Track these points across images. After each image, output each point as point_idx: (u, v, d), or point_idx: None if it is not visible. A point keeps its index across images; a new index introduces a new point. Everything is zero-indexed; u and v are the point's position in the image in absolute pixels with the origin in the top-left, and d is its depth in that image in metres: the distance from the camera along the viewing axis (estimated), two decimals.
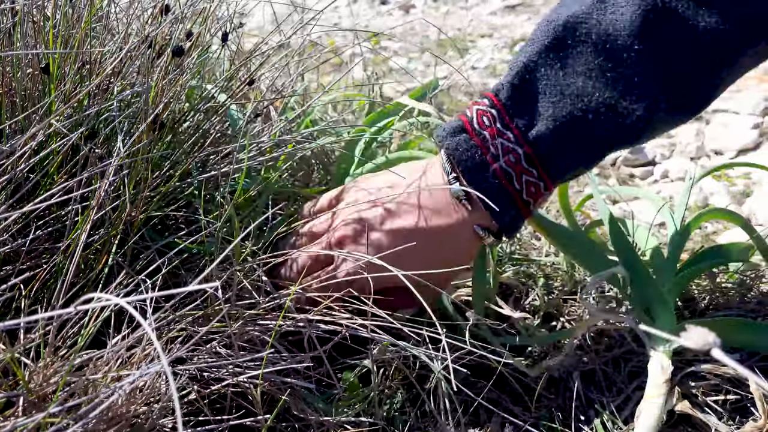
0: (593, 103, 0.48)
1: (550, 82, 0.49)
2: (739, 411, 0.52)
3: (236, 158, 0.53)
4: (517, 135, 0.50)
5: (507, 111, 0.51)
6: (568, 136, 0.49)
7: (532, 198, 0.52)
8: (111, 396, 0.31)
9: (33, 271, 0.44)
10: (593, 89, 0.48)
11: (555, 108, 0.49)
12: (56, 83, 0.48)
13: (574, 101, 0.48)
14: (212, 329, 0.45)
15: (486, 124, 0.51)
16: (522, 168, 0.51)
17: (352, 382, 0.50)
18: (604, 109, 0.48)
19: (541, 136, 0.50)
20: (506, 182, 0.51)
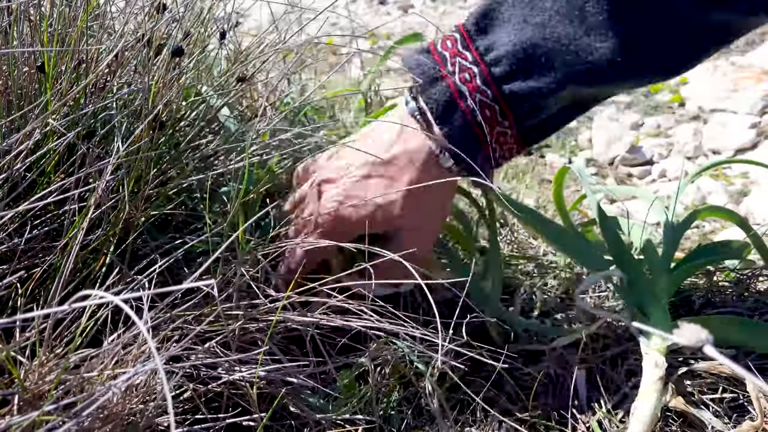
0: (556, 34, 0.48)
1: (516, 11, 0.50)
2: (736, 409, 0.52)
3: (238, 157, 0.54)
4: (475, 55, 0.51)
5: (470, 35, 0.51)
6: (526, 60, 0.49)
7: (487, 123, 0.51)
8: (106, 394, 0.31)
9: (30, 271, 0.44)
10: (558, 22, 0.48)
11: (516, 34, 0.49)
12: (52, 82, 0.48)
13: (537, 29, 0.49)
14: (210, 328, 0.45)
15: (448, 46, 0.52)
16: (476, 86, 0.51)
17: (349, 380, 0.50)
18: (567, 41, 0.48)
19: (499, 57, 0.50)
20: (459, 99, 0.51)
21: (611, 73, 0.49)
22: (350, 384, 0.50)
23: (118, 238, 0.47)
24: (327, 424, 0.46)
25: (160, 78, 0.48)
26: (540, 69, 0.49)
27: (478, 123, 0.51)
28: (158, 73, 0.48)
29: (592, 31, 0.47)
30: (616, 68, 0.48)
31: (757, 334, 0.54)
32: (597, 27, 0.47)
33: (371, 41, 1.91)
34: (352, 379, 0.50)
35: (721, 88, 1.33)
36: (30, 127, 0.43)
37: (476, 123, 0.51)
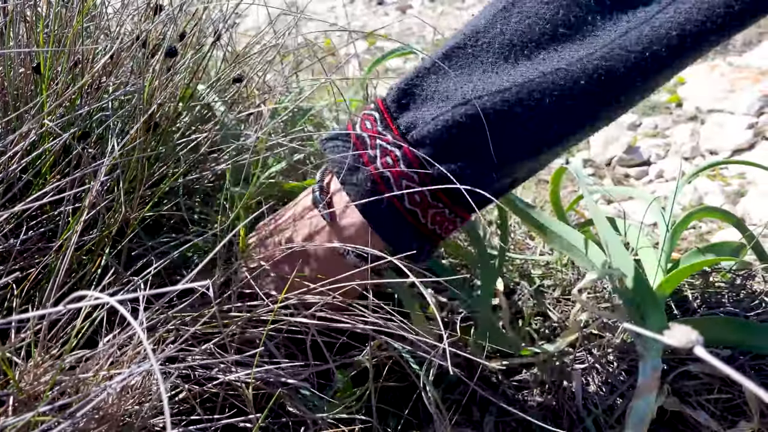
0: (479, 110, 0.45)
1: (440, 87, 0.47)
2: (731, 410, 0.52)
3: (233, 158, 0.54)
4: (397, 135, 0.47)
5: (390, 113, 0.48)
6: (450, 141, 0.46)
7: (418, 208, 0.47)
8: (101, 395, 0.31)
9: (25, 272, 0.44)
10: (482, 94, 0.45)
11: (439, 111, 0.46)
12: (48, 83, 0.48)
13: (460, 106, 0.45)
14: (207, 329, 0.45)
15: (368, 127, 0.48)
16: (400, 171, 0.47)
17: (346, 380, 0.50)
18: (493, 116, 0.45)
19: (422, 138, 0.46)
20: (383, 185, 0.47)
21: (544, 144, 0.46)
22: (347, 384, 0.50)
23: (114, 239, 0.47)
24: (324, 424, 0.46)
25: (154, 78, 0.48)
26: (469, 148, 0.46)
27: (408, 210, 0.47)
28: (153, 73, 0.48)
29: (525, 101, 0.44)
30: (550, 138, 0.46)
31: (753, 335, 0.54)
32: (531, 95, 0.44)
33: (369, 42, 1.91)
34: (349, 379, 0.50)
35: (718, 89, 1.33)
36: (26, 128, 0.43)
37: (406, 210, 0.47)
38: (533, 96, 0.44)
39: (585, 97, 0.44)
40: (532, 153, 0.47)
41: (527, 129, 0.45)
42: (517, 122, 0.45)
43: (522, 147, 0.46)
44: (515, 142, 0.46)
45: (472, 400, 0.55)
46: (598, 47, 0.43)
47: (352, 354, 0.51)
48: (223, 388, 0.44)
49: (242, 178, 0.53)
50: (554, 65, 0.44)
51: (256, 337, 0.46)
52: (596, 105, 0.45)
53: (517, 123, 0.45)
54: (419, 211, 0.47)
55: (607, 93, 0.44)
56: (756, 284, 0.64)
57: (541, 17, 0.45)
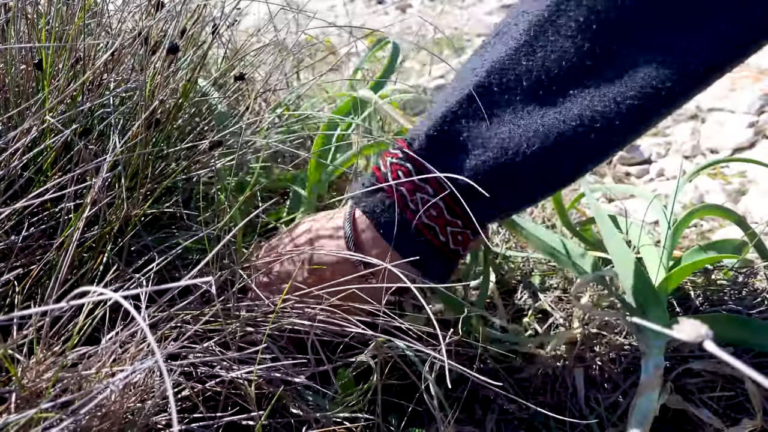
0: (520, 156, 0.45)
1: (472, 133, 0.46)
2: (734, 408, 0.52)
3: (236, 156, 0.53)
4: (436, 188, 0.47)
5: (422, 164, 0.47)
6: (491, 188, 0.46)
7: (461, 246, 0.50)
8: (103, 392, 0.31)
9: (27, 268, 0.44)
10: (521, 140, 0.45)
11: (477, 161, 0.46)
12: (50, 79, 0.48)
13: (499, 154, 0.45)
14: (210, 329, 0.45)
15: (401, 177, 0.48)
16: (445, 220, 0.48)
17: (348, 379, 0.50)
18: (533, 161, 0.45)
19: (462, 189, 0.46)
20: (431, 236, 0.48)
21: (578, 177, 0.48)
22: (349, 382, 0.50)
23: (115, 235, 0.47)
24: (326, 423, 0.46)
25: (156, 74, 0.48)
26: (505, 193, 0.47)
27: (452, 251, 0.49)
28: (155, 70, 0.48)
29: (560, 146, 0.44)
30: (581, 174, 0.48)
31: (756, 333, 0.54)
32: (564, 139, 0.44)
33: (369, 41, 1.91)
34: (351, 377, 0.50)
35: (719, 88, 1.33)
36: (27, 125, 0.43)
37: (451, 251, 0.49)
38: (571, 141, 0.44)
39: (618, 134, 0.45)
40: (561, 187, 0.49)
41: (565, 170, 0.46)
42: (555, 165, 0.46)
43: (556, 184, 0.48)
44: (550, 181, 0.47)
45: (474, 398, 0.55)
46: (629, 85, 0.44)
47: (355, 353, 0.51)
48: (225, 386, 0.44)
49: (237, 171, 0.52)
50: (588, 105, 0.44)
51: (258, 340, 0.46)
52: (627, 138, 0.46)
53: (556, 166, 0.46)
54: (461, 248, 0.50)
55: (637, 126, 0.45)
56: (758, 282, 0.64)
57: (566, 51, 0.44)
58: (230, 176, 0.55)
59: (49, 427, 0.31)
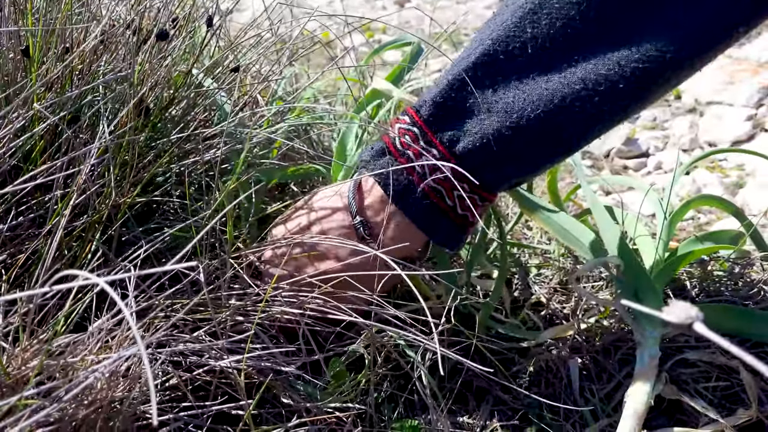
0: (524, 120, 0.46)
1: (478, 99, 0.47)
2: (729, 398, 0.52)
3: (229, 146, 0.53)
4: (443, 151, 0.48)
5: (430, 127, 0.48)
6: (497, 152, 0.47)
7: (468, 211, 0.50)
8: (88, 379, 0.31)
9: (14, 257, 0.43)
10: (525, 104, 0.45)
11: (482, 125, 0.47)
12: (38, 66, 0.48)
13: (503, 118, 0.46)
14: (200, 317, 0.45)
15: (409, 143, 0.49)
16: (452, 184, 0.48)
17: (340, 368, 0.49)
18: (536, 125, 0.46)
19: (468, 151, 0.47)
20: (437, 200, 0.49)
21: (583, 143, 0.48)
22: (341, 372, 0.49)
23: (105, 224, 0.46)
24: (317, 413, 0.46)
25: (145, 62, 0.47)
26: (511, 157, 0.48)
27: (460, 215, 0.50)
28: (144, 56, 0.47)
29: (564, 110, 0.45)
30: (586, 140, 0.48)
31: (752, 323, 0.54)
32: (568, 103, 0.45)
33: (368, 35, 1.91)
34: (344, 367, 0.50)
35: (717, 81, 1.32)
36: (13, 108, 0.42)
37: (458, 216, 0.50)
38: (575, 104, 0.45)
39: (623, 99, 0.45)
40: (565, 153, 0.49)
41: (569, 134, 0.47)
42: (559, 129, 0.46)
43: (560, 150, 0.48)
44: (556, 146, 0.48)
45: (468, 389, 0.54)
46: (634, 49, 0.44)
47: (347, 343, 0.50)
48: (215, 376, 0.43)
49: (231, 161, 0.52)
50: (592, 69, 0.45)
51: (248, 327, 0.46)
52: (631, 105, 0.46)
53: (560, 130, 0.46)
54: (469, 214, 0.50)
55: (641, 92, 0.45)
56: (754, 273, 0.64)
57: (572, 18, 0.45)
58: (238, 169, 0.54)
59: (33, 412, 0.31)
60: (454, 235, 0.51)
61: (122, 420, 0.36)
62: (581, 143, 0.48)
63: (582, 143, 0.48)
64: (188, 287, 0.45)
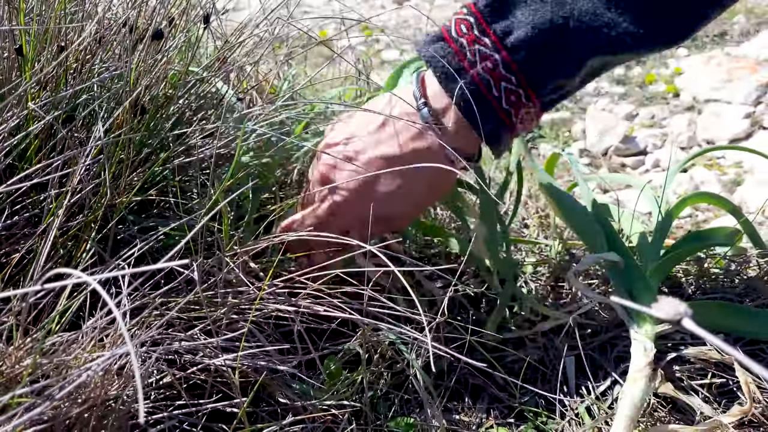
0: (576, 11, 0.46)
1: None
2: (725, 395, 0.52)
3: (226, 143, 0.53)
4: (495, 41, 0.49)
5: (484, 18, 0.50)
6: (548, 44, 0.48)
7: (513, 107, 0.51)
8: (81, 377, 0.31)
9: (9, 256, 0.43)
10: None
11: (535, 15, 0.48)
12: (32, 65, 0.48)
13: (556, 8, 0.47)
14: (194, 316, 0.45)
15: (464, 32, 0.50)
16: (500, 74, 0.49)
17: (335, 367, 0.50)
18: (588, 18, 0.46)
19: (520, 42, 0.48)
20: (484, 89, 0.50)
21: (632, 44, 0.48)
22: (336, 370, 0.49)
23: (100, 224, 0.46)
24: (312, 411, 0.46)
25: (141, 61, 0.47)
26: (563, 51, 0.48)
27: (504, 110, 0.51)
28: (140, 56, 0.47)
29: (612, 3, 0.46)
30: (636, 40, 0.47)
31: (748, 320, 0.54)
32: None
33: (366, 33, 1.90)
34: (339, 365, 0.50)
35: (715, 79, 1.32)
36: (7, 105, 0.42)
37: (503, 110, 0.51)
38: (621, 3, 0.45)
39: None
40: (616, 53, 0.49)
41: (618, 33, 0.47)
42: (607, 26, 0.46)
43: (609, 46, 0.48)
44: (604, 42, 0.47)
45: (463, 387, 0.54)
46: None
47: (343, 341, 0.50)
48: (210, 374, 0.43)
49: None
50: None
51: (242, 325, 0.46)
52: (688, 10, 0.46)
53: (608, 27, 0.46)
54: (513, 110, 0.51)
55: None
56: (751, 270, 0.64)
57: None
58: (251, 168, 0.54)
59: (26, 412, 0.31)
60: (498, 130, 0.52)
61: (116, 418, 0.36)
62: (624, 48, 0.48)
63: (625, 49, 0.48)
64: (183, 285, 0.45)
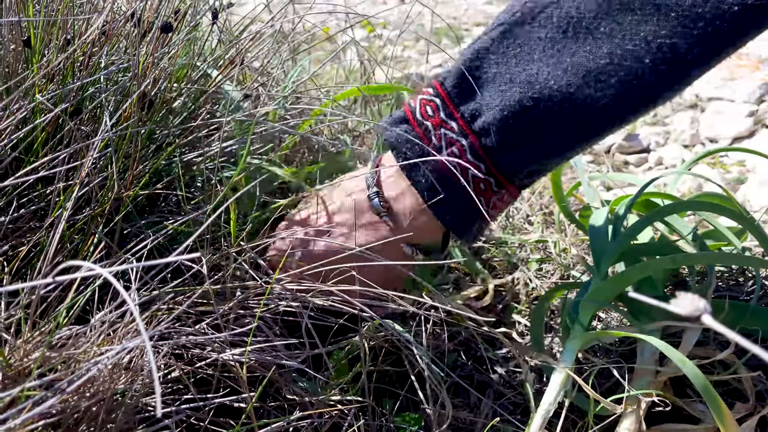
0: (547, 91, 0.44)
1: (501, 69, 0.45)
2: (729, 393, 0.52)
3: (235, 139, 0.53)
4: (462, 125, 0.46)
5: (451, 100, 0.47)
6: (517, 128, 0.45)
7: (483, 196, 0.48)
8: (90, 371, 0.31)
9: (16, 249, 0.43)
10: (548, 76, 0.44)
11: (503, 96, 0.45)
12: (39, 57, 0.47)
13: (525, 89, 0.44)
14: (203, 310, 0.45)
15: (429, 114, 0.47)
16: (468, 161, 0.46)
17: (342, 362, 0.49)
18: (560, 98, 0.44)
19: (488, 126, 0.45)
20: (452, 177, 0.47)
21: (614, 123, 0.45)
22: (343, 366, 0.49)
23: (107, 218, 0.46)
24: (319, 406, 0.46)
25: (148, 54, 0.47)
26: (533, 134, 0.45)
27: (473, 198, 0.47)
28: (147, 49, 0.47)
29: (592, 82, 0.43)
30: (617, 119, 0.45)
31: (754, 318, 0.54)
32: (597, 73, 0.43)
33: (368, 29, 1.90)
34: (345, 362, 0.50)
35: (718, 77, 1.32)
36: (14, 99, 0.42)
37: (472, 198, 0.47)
38: (600, 78, 0.43)
39: (650, 76, 0.43)
40: (589, 138, 0.46)
41: (590, 111, 0.44)
42: (583, 105, 0.44)
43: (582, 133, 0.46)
44: (577, 126, 0.45)
45: (469, 384, 0.54)
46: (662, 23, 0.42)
47: (350, 337, 0.50)
48: (217, 369, 0.43)
49: None
50: (618, 44, 0.43)
51: (249, 320, 0.46)
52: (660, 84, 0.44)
53: (581, 107, 0.44)
54: (483, 199, 0.48)
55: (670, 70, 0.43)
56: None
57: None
58: None
59: (35, 405, 0.31)
60: (466, 219, 0.49)
61: (124, 412, 0.36)
62: (605, 126, 0.45)
63: (606, 126, 0.45)
64: (191, 280, 0.44)
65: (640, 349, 0.51)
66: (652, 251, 0.58)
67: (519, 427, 0.50)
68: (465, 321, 0.52)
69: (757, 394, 0.50)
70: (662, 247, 0.59)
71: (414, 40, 1.89)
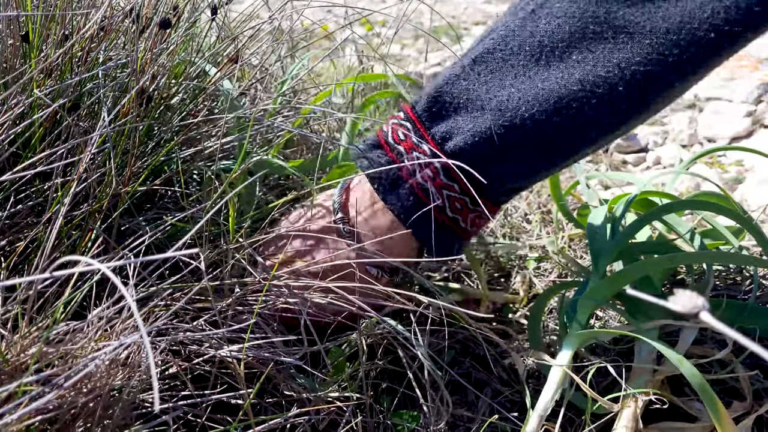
0: (518, 119, 0.44)
1: (472, 96, 0.46)
2: (726, 392, 0.52)
3: (233, 135, 0.53)
4: (433, 146, 0.47)
5: (422, 123, 0.47)
6: (488, 152, 0.45)
7: (460, 214, 0.48)
8: (87, 366, 0.31)
9: (13, 245, 0.43)
10: (519, 103, 0.44)
11: (475, 123, 0.45)
12: (37, 52, 0.47)
13: (496, 116, 0.44)
14: (200, 307, 0.45)
15: (401, 138, 0.48)
16: (441, 182, 0.47)
17: (339, 360, 0.49)
18: (531, 126, 0.44)
19: (459, 149, 0.46)
20: (424, 198, 0.47)
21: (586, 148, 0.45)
22: (340, 363, 0.49)
23: (105, 214, 0.46)
24: (316, 403, 0.46)
25: (147, 50, 0.47)
26: (507, 159, 0.46)
27: (450, 218, 0.48)
28: (146, 45, 0.47)
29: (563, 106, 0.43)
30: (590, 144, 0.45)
31: (751, 317, 0.54)
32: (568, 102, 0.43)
33: (367, 28, 1.90)
34: (344, 358, 0.50)
35: (717, 77, 1.32)
36: (11, 93, 0.42)
37: (448, 218, 0.48)
38: (572, 106, 0.43)
39: (623, 103, 0.43)
40: (561, 161, 0.47)
41: (564, 137, 0.45)
42: (554, 132, 0.44)
43: (554, 156, 0.46)
44: (550, 150, 0.46)
45: (467, 381, 0.54)
46: (635, 51, 0.42)
47: (348, 334, 0.50)
48: (215, 365, 0.43)
49: None
50: (590, 70, 0.43)
51: (248, 316, 0.46)
52: (634, 111, 0.44)
53: (555, 132, 0.44)
54: (460, 217, 0.48)
55: (644, 97, 0.43)
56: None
57: (570, 16, 0.43)
58: None
59: (32, 401, 0.31)
60: (443, 237, 0.49)
61: (121, 408, 0.36)
62: (578, 150, 0.46)
63: (579, 150, 0.46)
64: (189, 276, 0.44)
65: (637, 348, 0.51)
66: (650, 250, 0.58)
67: (516, 424, 0.50)
68: (463, 319, 0.52)
69: (754, 392, 0.50)
70: (660, 246, 0.59)
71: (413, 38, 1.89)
